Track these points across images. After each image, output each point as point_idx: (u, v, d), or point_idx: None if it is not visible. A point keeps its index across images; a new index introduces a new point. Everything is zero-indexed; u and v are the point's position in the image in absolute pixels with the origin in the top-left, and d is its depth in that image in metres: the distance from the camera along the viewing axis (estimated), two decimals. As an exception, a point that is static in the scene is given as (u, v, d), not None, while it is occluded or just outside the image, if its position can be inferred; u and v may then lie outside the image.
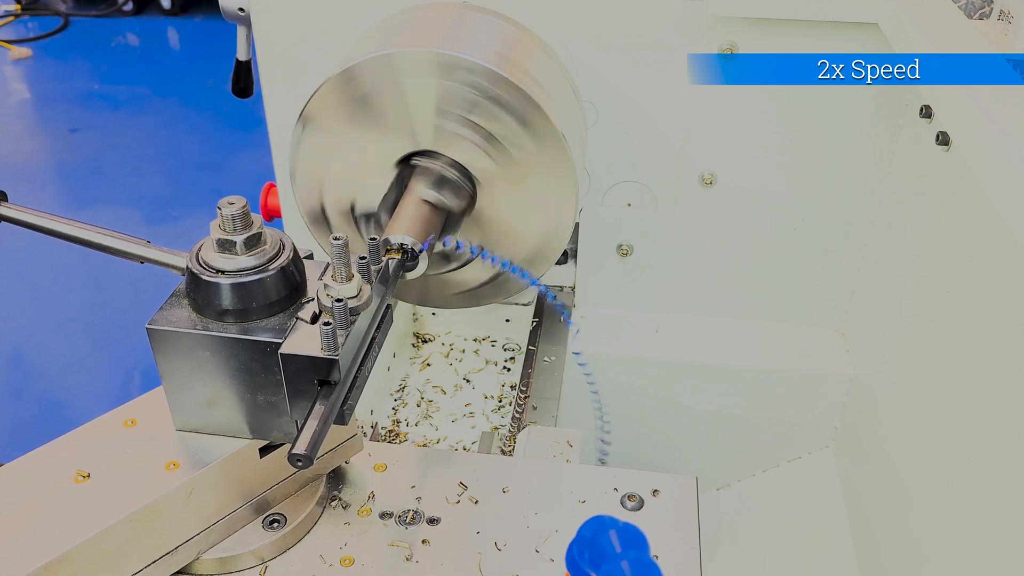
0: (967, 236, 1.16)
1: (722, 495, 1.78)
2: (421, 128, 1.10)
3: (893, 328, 1.45)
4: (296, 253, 0.92)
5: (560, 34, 1.42)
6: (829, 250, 1.62)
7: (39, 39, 5.53)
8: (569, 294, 1.79)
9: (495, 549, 0.97)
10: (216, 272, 0.87)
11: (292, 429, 0.91)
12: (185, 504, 0.89)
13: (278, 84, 1.58)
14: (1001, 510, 1.00)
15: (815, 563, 1.58)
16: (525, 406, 1.50)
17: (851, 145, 1.49)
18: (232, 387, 0.90)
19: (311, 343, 0.85)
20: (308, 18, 1.49)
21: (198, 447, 0.92)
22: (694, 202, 1.59)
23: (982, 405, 1.08)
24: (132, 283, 3.04)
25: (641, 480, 1.04)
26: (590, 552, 0.66)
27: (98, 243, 0.95)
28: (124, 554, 0.86)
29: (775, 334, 1.72)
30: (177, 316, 0.89)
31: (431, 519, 1.00)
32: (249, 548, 0.94)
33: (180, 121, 4.45)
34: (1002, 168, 0.92)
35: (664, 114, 1.51)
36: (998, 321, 1.05)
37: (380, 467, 1.07)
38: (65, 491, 0.87)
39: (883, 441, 1.43)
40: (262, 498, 0.97)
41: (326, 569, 0.94)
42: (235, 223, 0.88)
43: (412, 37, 1.11)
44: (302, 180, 1.18)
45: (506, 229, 1.17)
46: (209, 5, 5.85)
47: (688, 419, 1.74)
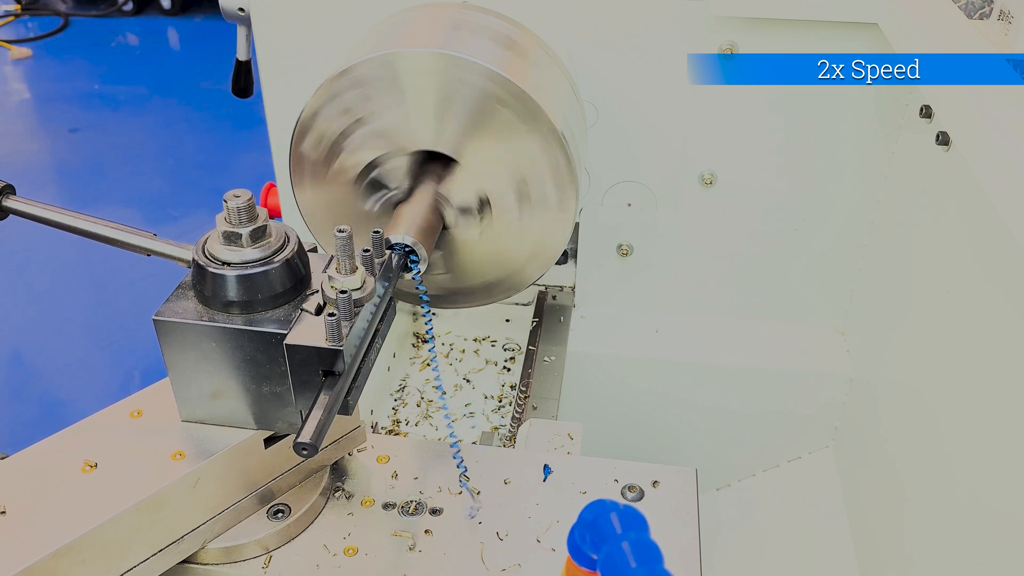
0: (967, 236, 1.16)
1: (722, 495, 1.79)
2: (421, 128, 1.11)
3: (893, 328, 1.46)
4: (301, 246, 0.93)
5: (560, 34, 1.42)
6: (829, 250, 1.62)
7: (39, 39, 5.53)
8: (569, 294, 1.80)
9: (497, 539, 0.97)
10: (222, 264, 0.88)
11: (297, 420, 0.92)
12: (191, 494, 0.89)
13: (278, 84, 1.58)
14: (1000, 510, 1.00)
15: (815, 563, 1.59)
16: (525, 406, 1.50)
17: (851, 145, 1.49)
18: (237, 378, 0.90)
19: (316, 334, 0.85)
20: (308, 18, 1.49)
21: (204, 437, 0.93)
22: (694, 202, 1.60)
23: (982, 405, 1.09)
24: (132, 283, 3.05)
25: (641, 472, 1.05)
26: (591, 534, 0.66)
27: (105, 236, 0.96)
28: (130, 543, 0.86)
29: (775, 334, 1.72)
30: (183, 308, 0.89)
31: (433, 509, 1.01)
32: (254, 538, 0.95)
33: (180, 121, 4.46)
34: (1002, 168, 0.93)
35: (664, 114, 1.51)
36: (998, 321, 1.05)
37: (383, 459, 1.07)
38: (73, 481, 0.88)
39: (883, 441, 1.44)
40: (267, 488, 0.97)
41: (330, 559, 0.95)
42: (241, 216, 0.89)
43: (412, 37, 1.12)
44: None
45: (506, 230, 1.18)
46: (209, 5, 5.86)
47: (688, 419, 1.75)
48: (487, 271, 1.22)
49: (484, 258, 1.20)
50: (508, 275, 1.21)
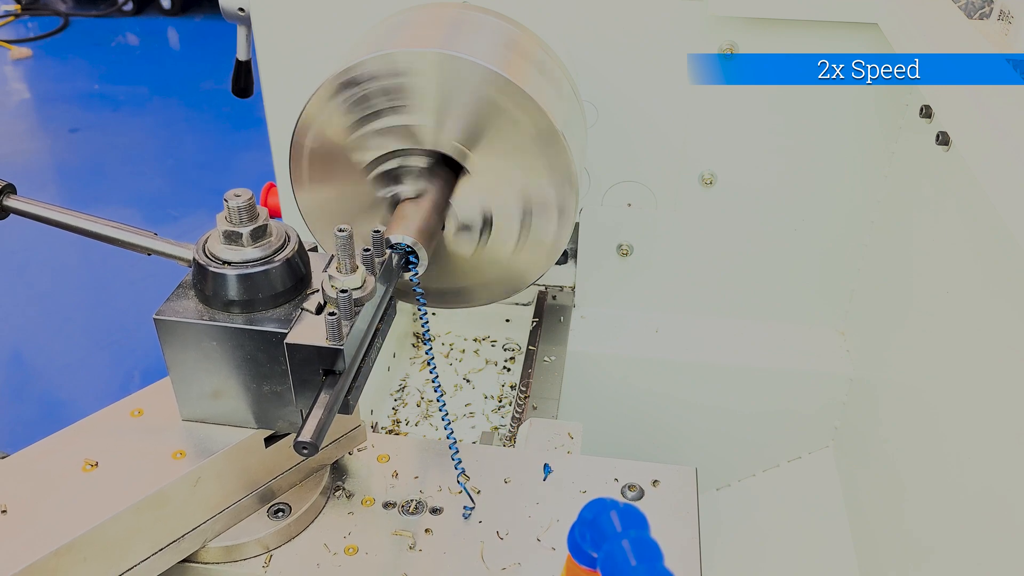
0: (967, 236, 1.16)
1: (722, 495, 1.79)
2: (421, 128, 1.11)
3: (893, 328, 1.46)
4: (301, 245, 0.93)
5: (560, 34, 1.42)
6: (829, 250, 1.62)
7: (39, 39, 5.53)
8: (569, 294, 1.80)
9: (497, 538, 0.97)
10: (223, 263, 0.88)
11: (297, 419, 0.92)
12: (192, 493, 0.89)
13: (278, 84, 1.58)
14: (1000, 510, 1.00)
15: (815, 563, 1.59)
16: (525, 406, 1.50)
17: (851, 145, 1.49)
18: (238, 377, 0.90)
19: (316, 333, 0.85)
20: (308, 18, 1.49)
21: (204, 436, 0.93)
22: (694, 202, 1.60)
23: (982, 405, 1.09)
24: (132, 283, 3.04)
25: (641, 471, 1.05)
26: (591, 533, 0.66)
27: (106, 235, 0.95)
28: (131, 541, 0.86)
29: (775, 334, 1.72)
30: (184, 307, 0.90)
31: (434, 509, 1.01)
32: (254, 537, 0.95)
33: (180, 121, 4.45)
34: (1002, 168, 0.93)
35: (664, 114, 1.51)
36: (998, 321, 1.05)
37: (383, 458, 1.08)
38: (73, 480, 0.88)
39: (883, 441, 1.44)
40: (267, 487, 0.97)
41: (330, 558, 0.95)
42: (241, 215, 0.89)
43: (412, 37, 1.12)
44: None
45: (498, 255, 1.18)
46: (209, 5, 5.86)
47: (688, 419, 1.75)
48: (464, 279, 1.23)
49: (467, 269, 1.21)
50: (472, 285, 1.23)
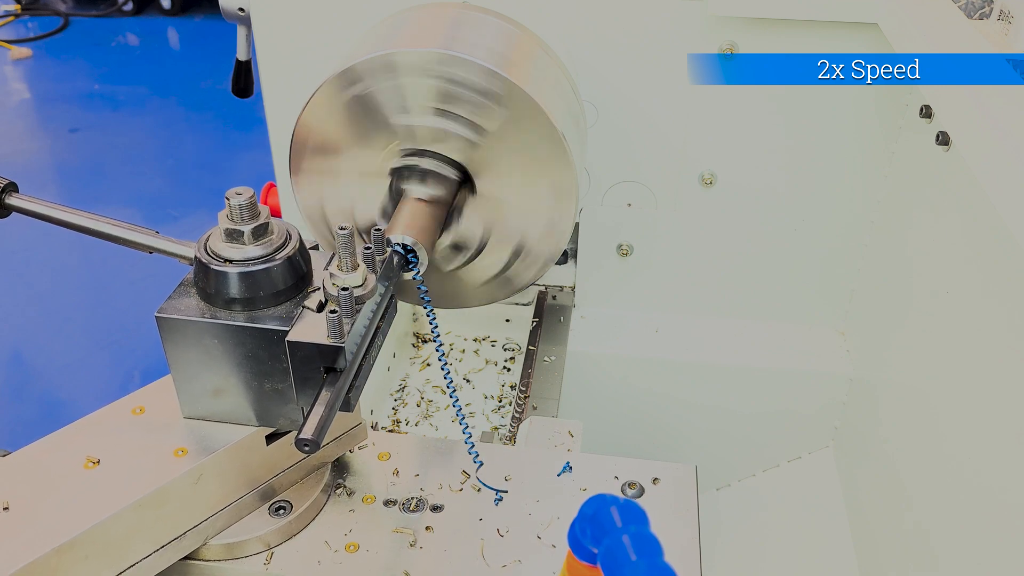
0: (967, 236, 1.16)
1: (722, 495, 1.79)
2: (421, 128, 1.11)
3: (893, 328, 1.46)
4: (302, 243, 0.93)
5: (560, 34, 1.43)
6: (829, 250, 1.62)
7: (39, 39, 5.53)
8: (569, 294, 1.80)
9: (497, 536, 0.98)
10: (224, 261, 0.89)
11: (298, 417, 0.93)
12: (193, 490, 0.90)
13: (278, 84, 1.58)
14: (1001, 509, 1.00)
15: (815, 563, 1.59)
16: (525, 406, 1.50)
17: (851, 145, 1.49)
18: (239, 375, 0.91)
19: (317, 331, 0.86)
20: (308, 18, 1.49)
21: (206, 434, 0.93)
22: (694, 202, 1.60)
23: (982, 405, 1.09)
24: (132, 282, 3.04)
25: (641, 468, 1.05)
26: (592, 528, 0.66)
27: (107, 233, 0.96)
28: (133, 539, 0.87)
29: (775, 334, 1.72)
30: (185, 305, 0.90)
31: (434, 506, 1.01)
32: (256, 534, 0.95)
33: (180, 121, 4.45)
34: (1002, 168, 0.93)
35: (664, 114, 1.52)
36: (998, 321, 1.05)
37: (384, 456, 1.08)
38: (75, 477, 0.88)
39: (883, 441, 1.44)
40: (268, 485, 0.98)
41: (331, 555, 0.95)
42: (243, 213, 0.89)
43: (412, 37, 1.12)
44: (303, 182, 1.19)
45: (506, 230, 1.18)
46: (209, 5, 5.86)
47: (688, 419, 1.75)
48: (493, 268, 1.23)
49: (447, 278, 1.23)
50: (454, 291, 1.24)
